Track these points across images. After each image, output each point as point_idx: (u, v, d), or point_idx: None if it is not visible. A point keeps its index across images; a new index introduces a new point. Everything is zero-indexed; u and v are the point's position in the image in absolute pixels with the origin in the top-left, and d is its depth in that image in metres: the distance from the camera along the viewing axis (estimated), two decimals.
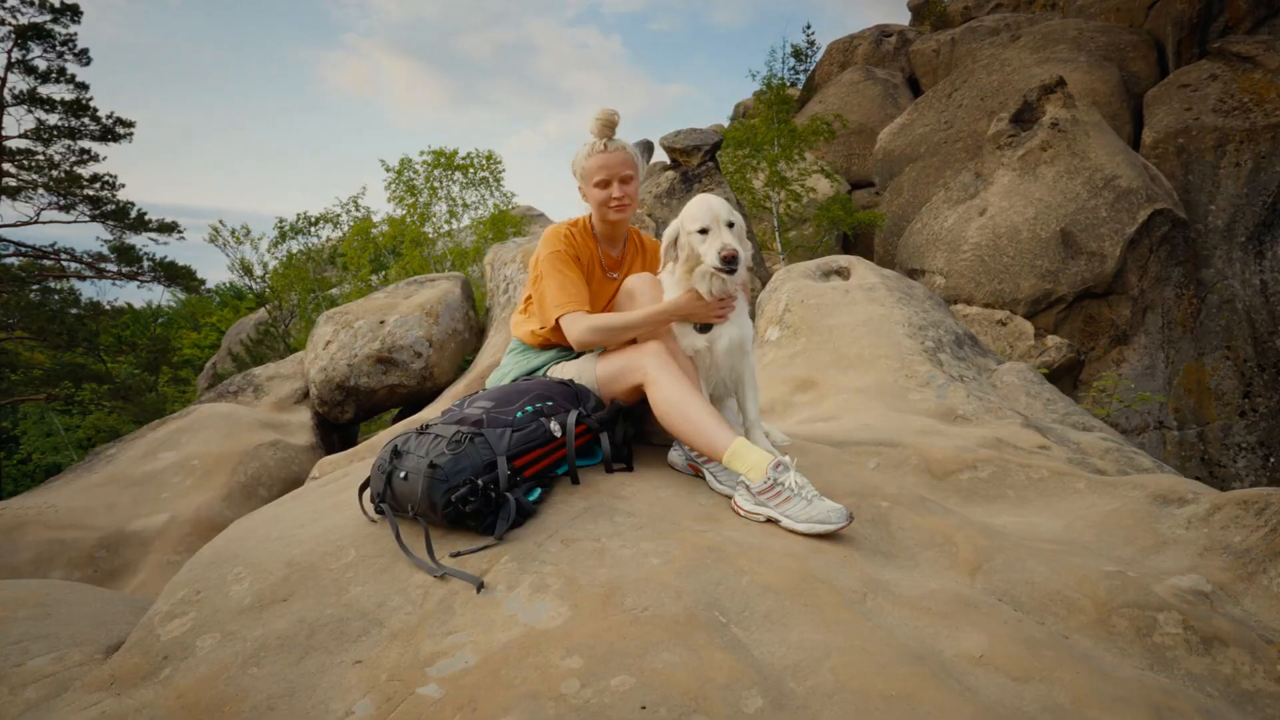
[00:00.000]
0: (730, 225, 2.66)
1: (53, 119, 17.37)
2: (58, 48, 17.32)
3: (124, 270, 17.60)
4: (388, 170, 18.14)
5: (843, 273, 5.91)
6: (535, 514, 2.31)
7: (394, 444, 2.31)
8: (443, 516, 2.18)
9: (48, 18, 17.34)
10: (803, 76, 31.49)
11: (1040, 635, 1.89)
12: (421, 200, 18.08)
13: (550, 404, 2.51)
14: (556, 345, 2.95)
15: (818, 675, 1.72)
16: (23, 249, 17.39)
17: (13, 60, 16.98)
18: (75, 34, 17.58)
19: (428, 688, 1.74)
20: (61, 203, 17.32)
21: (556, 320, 2.76)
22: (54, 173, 17.27)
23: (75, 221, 17.68)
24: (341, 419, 6.64)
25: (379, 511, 2.30)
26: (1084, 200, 12.98)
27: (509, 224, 17.19)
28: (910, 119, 19.70)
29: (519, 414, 2.39)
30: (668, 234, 2.71)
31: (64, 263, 17.79)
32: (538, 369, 2.90)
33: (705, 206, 2.65)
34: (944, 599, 2.02)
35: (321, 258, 20.50)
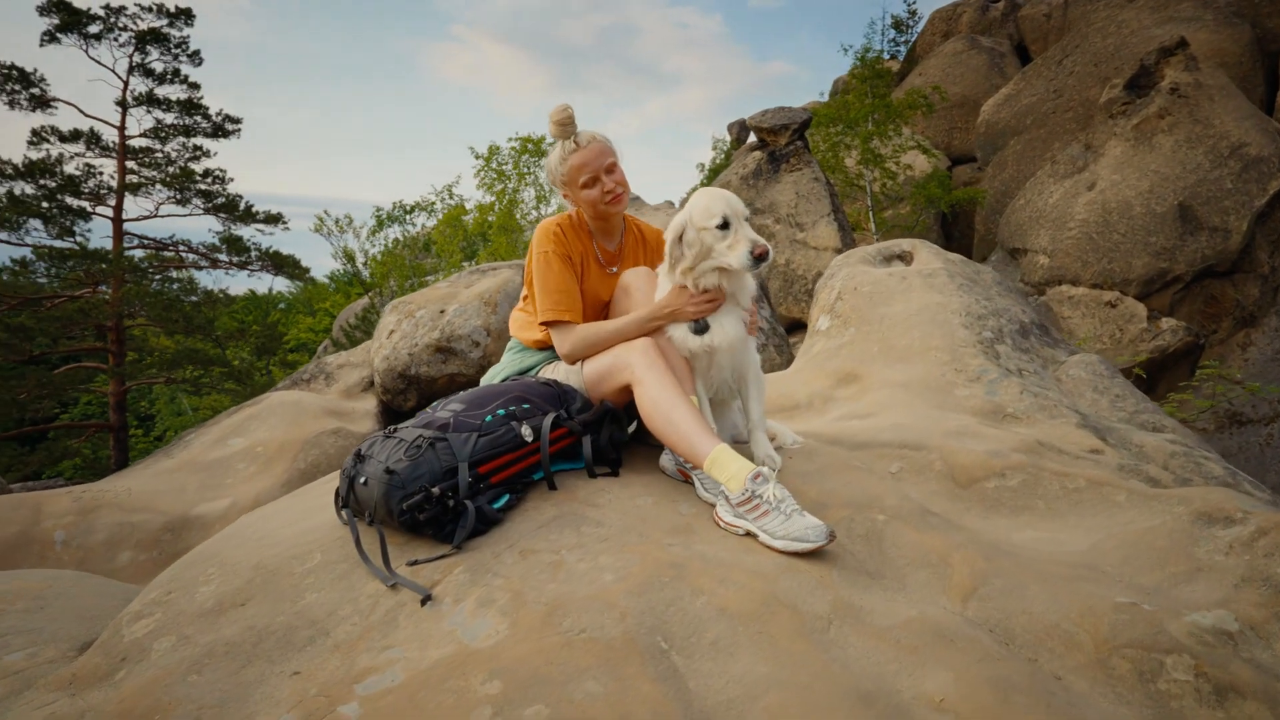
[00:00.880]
0: (746, 220, 2.52)
1: (169, 118, 18.46)
2: (173, 50, 18.37)
3: (234, 260, 18.60)
4: (477, 158, 18.48)
5: (905, 257, 5.59)
6: (500, 522, 2.24)
7: (359, 448, 2.28)
8: (399, 524, 2.14)
9: (164, 22, 18.40)
10: (903, 49, 30.24)
11: (1018, 677, 1.69)
12: (510, 187, 18.34)
13: (527, 406, 2.42)
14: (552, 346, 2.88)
15: (749, 715, 1.58)
16: (145, 241, 18.60)
17: (134, 64, 18.13)
18: (188, 36, 18.59)
19: (349, 706, 1.69)
20: (178, 197, 18.41)
21: (545, 326, 2.69)
22: (170, 169, 18.37)
23: (190, 215, 18.77)
24: (404, 407, 6.77)
25: (342, 517, 2.28)
26: (1206, 171, 11.95)
27: None
28: (1016, 89, 18.64)
29: (488, 418, 2.31)
30: (671, 230, 2.56)
31: (182, 254, 18.93)
32: (530, 369, 2.82)
33: (722, 200, 2.50)
34: (918, 629, 1.84)
35: (417, 245, 21.12)
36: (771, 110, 17.03)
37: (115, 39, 17.96)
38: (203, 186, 18.60)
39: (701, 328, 2.54)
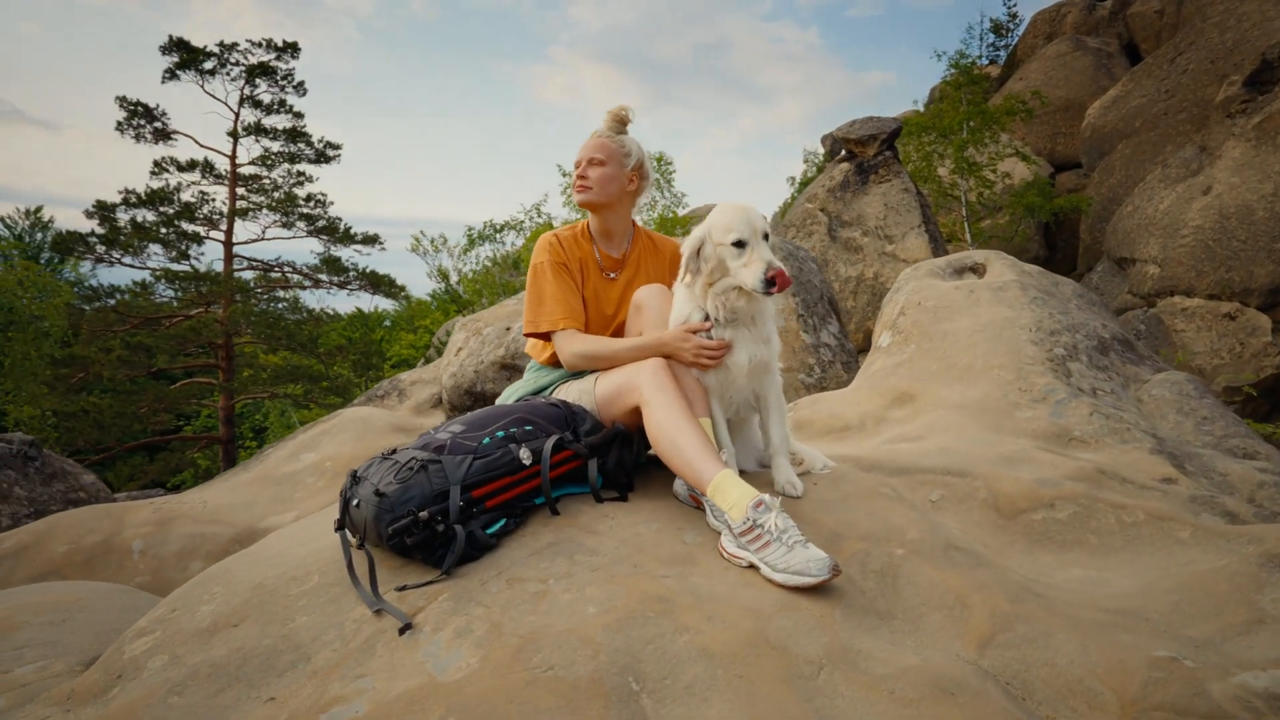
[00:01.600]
0: (766, 238, 2.40)
1: (275, 146, 19.49)
2: (279, 82, 19.40)
3: (334, 280, 19.44)
4: (564, 175, 18.74)
5: (977, 269, 5.29)
6: (494, 548, 2.17)
7: (356, 469, 2.26)
8: (389, 547, 2.10)
9: (272, 56, 19.45)
10: (1003, 53, 29.12)
11: None
12: None
13: (530, 428, 2.36)
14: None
15: None
16: (254, 263, 19.65)
17: (244, 96, 19.25)
18: (294, 69, 19.63)
19: None
20: (283, 221, 19.39)
21: (548, 334, 2.68)
22: (276, 194, 19.37)
23: (294, 237, 19.74)
24: None
25: (341, 537, 2.26)
26: None
27: (677, 224, 17.16)
28: (1125, 90, 17.66)
29: (486, 440, 2.26)
30: (689, 242, 2.47)
31: (287, 274, 19.91)
32: (545, 388, 2.76)
33: (741, 215, 2.39)
34: (919, 680, 1.67)
35: (507, 263, 21.57)
36: (859, 120, 16.66)
37: (228, 74, 19.11)
38: (305, 210, 19.53)
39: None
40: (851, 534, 2.25)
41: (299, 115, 19.75)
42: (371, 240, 20.17)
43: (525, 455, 2.27)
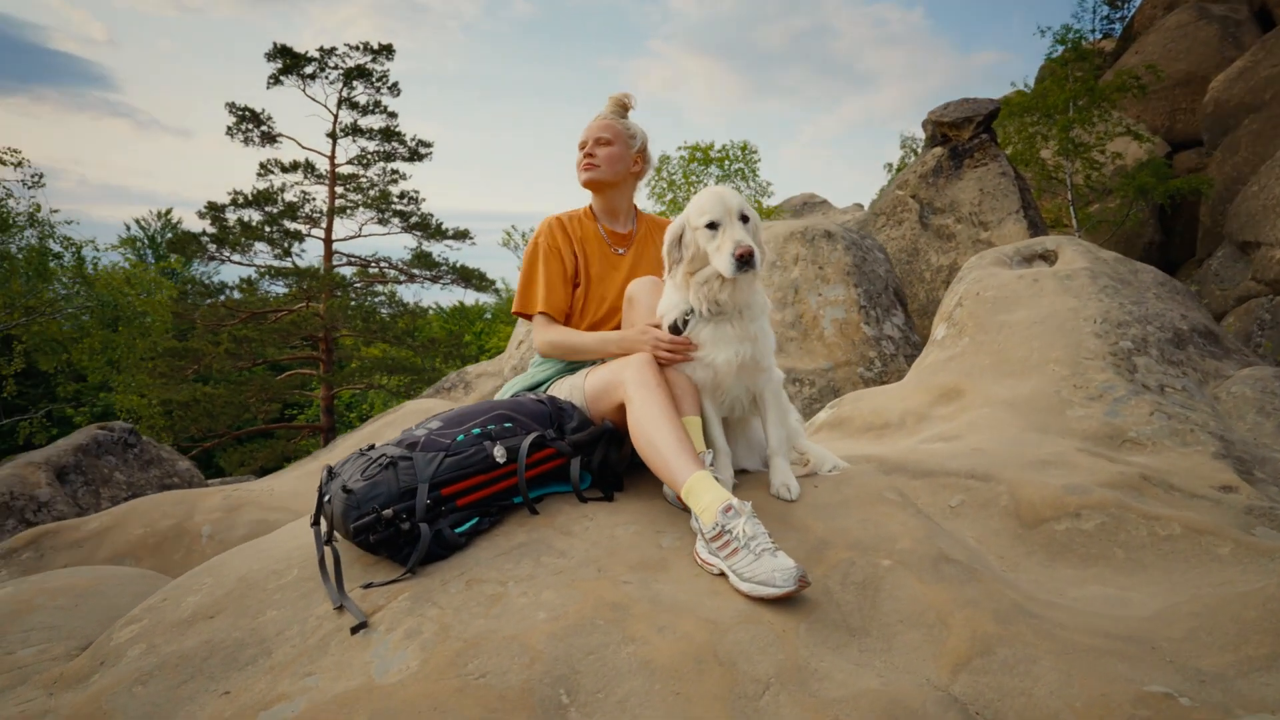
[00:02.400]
0: (745, 220, 2.28)
1: (371, 146, 20.22)
2: (374, 83, 20.07)
3: (427, 274, 20.02)
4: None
5: (1048, 257, 4.94)
6: (462, 547, 2.13)
7: (331, 465, 2.26)
8: (356, 544, 2.09)
9: (368, 59, 20.14)
10: (1118, 26, 27.32)
11: None
12: (681, 195, 18.38)
13: (509, 425, 2.31)
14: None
15: None
16: (352, 259, 20.46)
17: (342, 99, 20.01)
18: (388, 70, 20.27)
19: None
20: (378, 218, 20.10)
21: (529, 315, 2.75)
22: (372, 192, 20.09)
23: (389, 233, 20.44)
24: None
25: (315, 532, 2.26)
26: None
27: (763, 216, 16.86)
28: (1253, 60, 16.34)
29: (460, 437, 2.22)
30: (670, 232, 2.38)
31: (384, 269, 20.64)
32: (542, 383, 2.71)
33: (715, 197, 2.29)
34: (871, 705, 1.53)
35: None
36: (954, 103, 15.96)
37: (327, 77, 19.88)
38: (399, 207, 20.19)
39: (676, 333, 2.32)
40: (840, 542, 2.10)
41: (393, 115, 20.41)
42: (462, 235, 20.67)
43: (499, 453, 2.22)
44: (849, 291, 6.18)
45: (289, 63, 19.87)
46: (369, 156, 20.23)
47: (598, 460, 2.39)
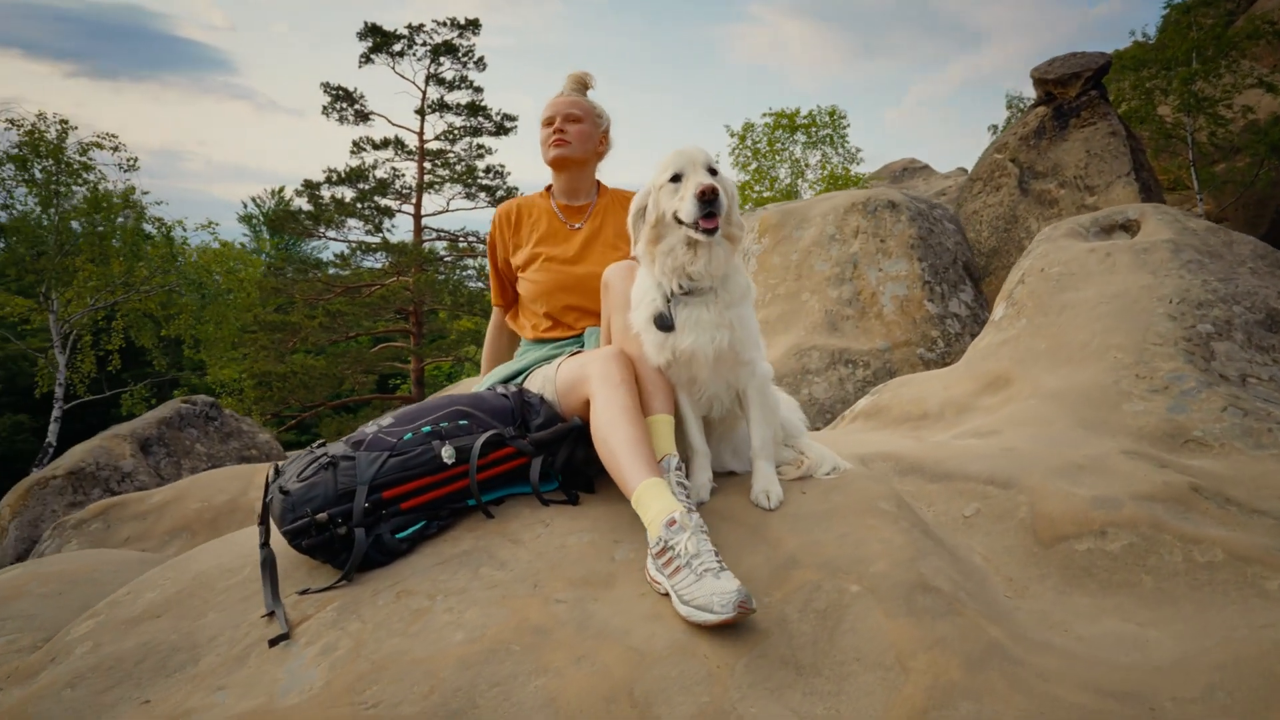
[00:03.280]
0: (713, 173, 2.06)
1: (458, 121, 20.43)
2: (461, 59, 20.23)
3: None
4: (731, 135, 18.23)
5: (1129, 227, 4.45)
6: (403, 553, 2.01)
7: (278, 463, 2.17)
8: (292, 547, 1.99)
9: (455, 34, 20.29)
10: None
11: None
12: (765, 165, 17.87)
13: (464, 423, 2.16)
14: (547, 339, 2.62)
15: None
16: (441, 234, 20.83)
17: (430, 75, 20.27)
18: (474, 45, 20.37)
19: None
20: (465, 192, 20.36)
21: None
22: (459, 167, 20.34)
23: (476, 208, 20.69)
24: None
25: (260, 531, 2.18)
26: None
27: (849, 183, 16.19)
28: None
29: (408, 435, 2.09)
30: (634, 202, 2.17)
31: (472, 244, 20.93)
32: (520, 373, 2.55)
33: (678, 153, 2.09)
34: None
35: None
36: (1060, 58, 14.86)
37: (415, 54, 20.15)
38: (485, 181, 20.37)
39: (665, 324, 2.10)
40: (810, 560, 1.88)
41: (478, 90, 20.56)
42: None
43: (448, 453, 2.07)
44: (912, 266, 5.77)
45: (379, 41, 20.21)
46: (456, 132, 20.47)
47: (561, 460, 2.22)
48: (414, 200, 20.40)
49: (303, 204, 20.05)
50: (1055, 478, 2.30)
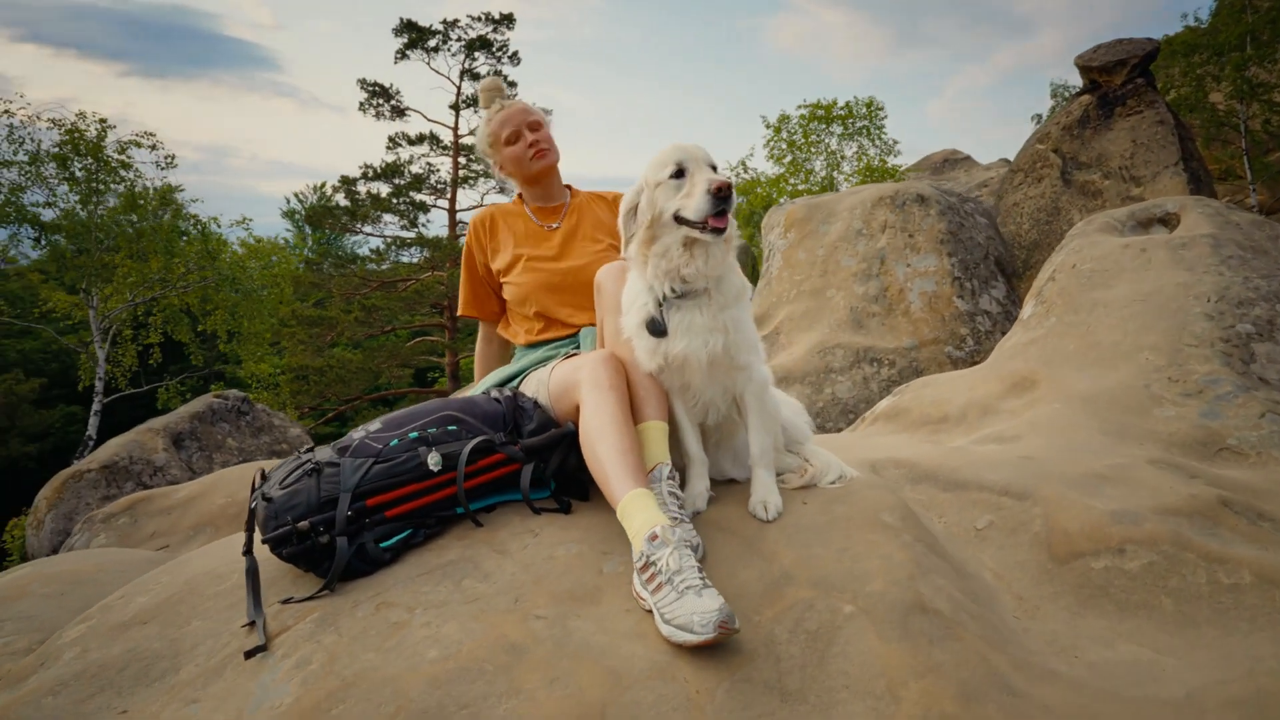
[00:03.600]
0: (714, 170, 1.98)
1: None
2: (495, 54, 20.27)
3: None
4: (767, 127, 18.00)
5: (1168, 221, 4.25)
6: (387, 563, 1.96)
7: (265, 468, 2.13)
8: (275, 556, 1.96)
9: (489, 29, 20.34)
10: None
11: None
12: (800, 157, 17.61)
13: (453, 429, 2.11)
14: (541, 341, 2.57)
15: None
16: None
17: (464, 70, 20.35)
18: (509, 40, 20.40)
19: None
20: (499, 187, 20.42)
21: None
22: None
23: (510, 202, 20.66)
24: None
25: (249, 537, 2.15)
26: None
27: (886, 175, 15.90)
28: None
29: (394, 441, 2.04)
30: (625, 202, 2.07)
31: None
32: (517, 376, 2.49)
33: (675, 148, 2.01)
34: None
35: None
36: (1105, 45, 14.41)
37: (449, 49, 20.24)
38: None
39: (658, 329, 2.02)
40: (805, 577, 1.79)
41: (512, 84, 20.56)
42: None
43: (434, 460, 2.02)
44: (941, 261, 5.60)
45: (414, 37, 20.34)
46: None
47: (553, 467, 2.16)
48: (449, 195, 20.51)
49: (340, 199, 20.27)
50: (1074, 489, 2.18)
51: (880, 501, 2.10)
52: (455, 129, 20.63)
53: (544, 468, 2.16)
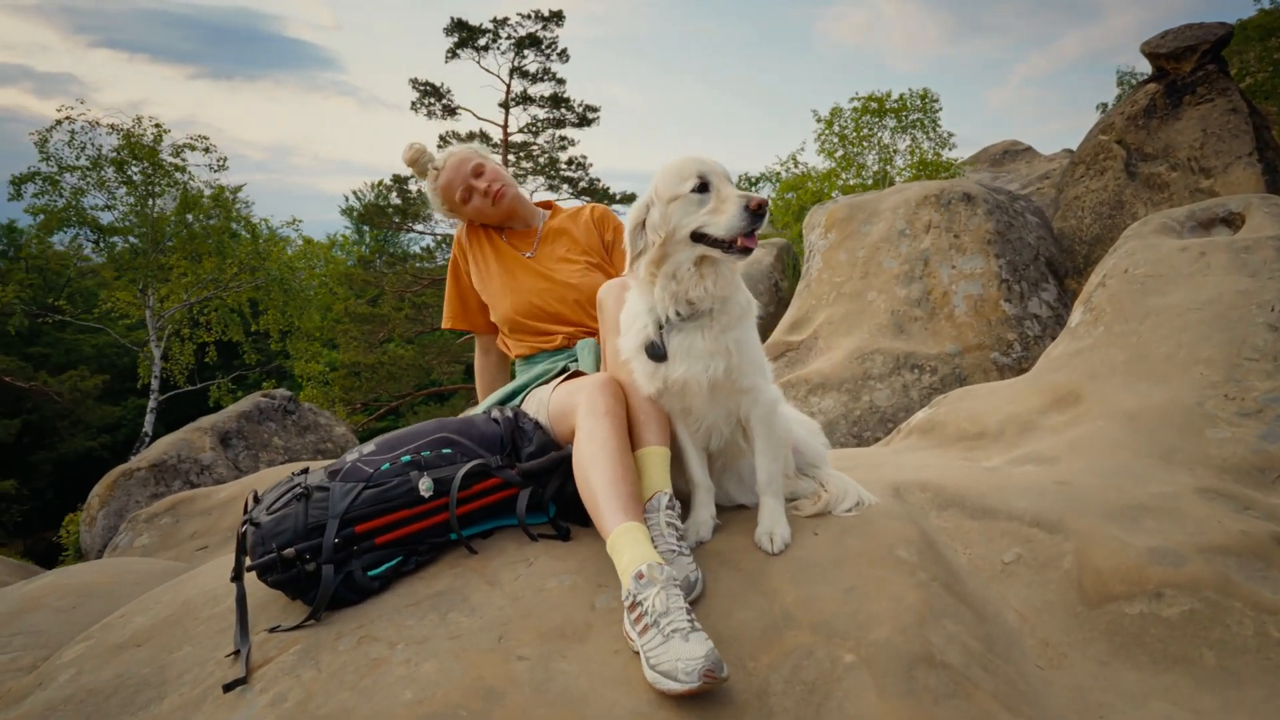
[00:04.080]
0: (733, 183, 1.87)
1: (541, 113, 20.54)
2: (544, 51, 20.31)
3: None
4: (818, 121, 17.64)
5: (1231, 221, 3.98)
6: (374, 591, 1.90)
7: (257, 490, 2.09)
8: (262, 582, 1.91)
9: (539, 26, 20.37)
10: None
11: None
12: (852, 151, 17.22)
13: (448, 452, 2.04)
14: (537, 354, 2.55)
15: None
16: None
17: (514, 68, 20.43)
18: (558, 37, 20.40)
19: None
20: (549, 184, 20.49)
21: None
22: (542, 159, 20.46)
23: (560, 199, 20.76)
24: None
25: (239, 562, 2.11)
26: None
27: (940, 169, 15.43)
28: None
29: (386, 465, 1.97)
30: (633, 215, 1.93)
31: None
32: (519, 391, 2.42)
33: (694, 160, 1.86)
34: None
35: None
36: (1173, 30, 13.77)
37: (499, 47, 20.34)
38: (567, 173, 20.46)
39: (658, 354, 1.91)
40: (807, 619, 1.67)
41: (561, 81, 20.60)
42: (631, 199, 20.68)
43: (425, 485, 1.95)
44: (988, 263, 5.35)
45: (464, 36, 20.48)
46: (539, 124, 20.61)
47: (551, 492, 2.07)
48: None
49: (393, 198, 20.54)
50: (1110, 521, 2.01)
51: (896, 533, 1.97)
52: (505, 127, 20.74)
53: (542, 492, 2.08)
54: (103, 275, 17.49)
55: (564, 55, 20.74)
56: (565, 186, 20.57)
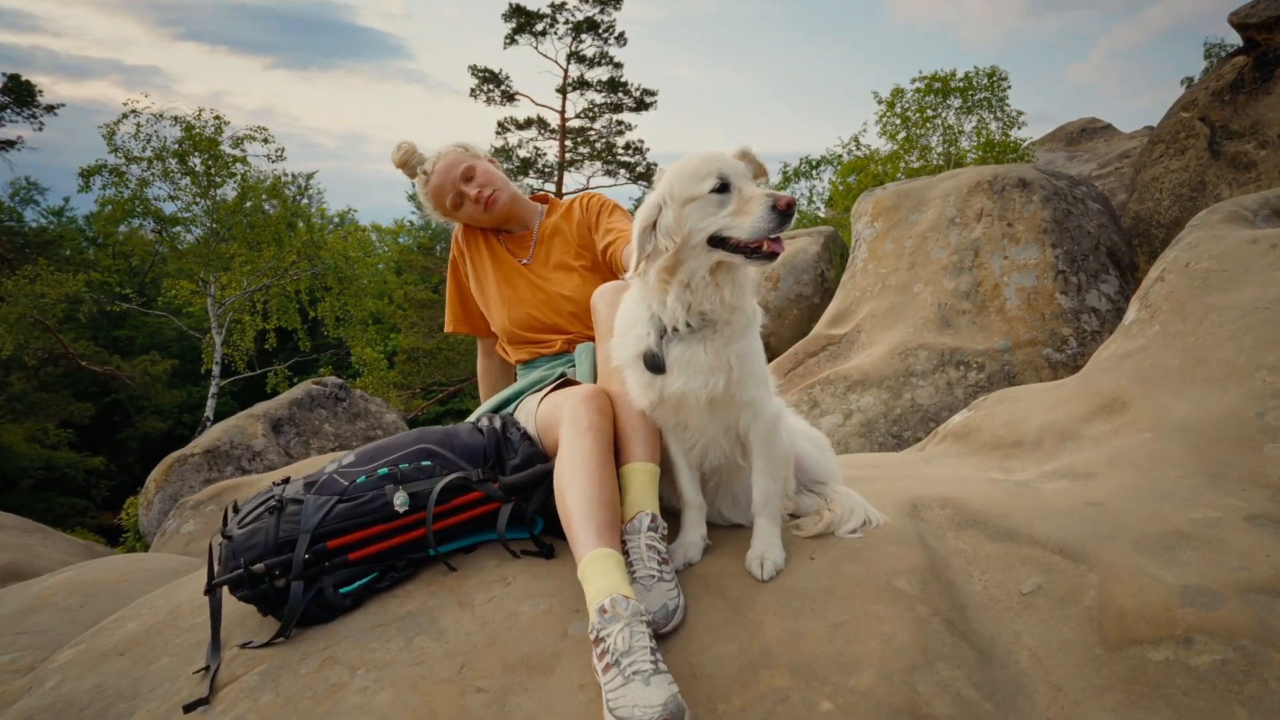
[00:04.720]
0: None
1: (598, 98, 20.45)
2: (601, 35, 20.18)
3: None
4: (879, 102, 17.11)
5: None
6: (345, 609, 1.84)
7: (237, 500, 2.05)
8: (233, 596, 1.87)
9: (596, 10, 20.25)
10: None
11: None
12: (915, 133, 16.66)
13: (427, 464, 1.96)
14: (536, 359, 2.49)
15: None
16: None
17: (571, 53, 20.36)
18: (615, 20, 20.25)
19: None
20: (606, 169, 20.41)
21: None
22: (599, 144, 20.39)
23: (616, 184, 20.70)
24: None
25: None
26: None
27: (1008, 151, 14.81)
28: None
29: (361, 478, 1.91)
30: (641, 217, 1.76)
31: None
32: (512, 399, 2.33)
33: (713, 158, 1.70)
34: None
35: (822, 200, 20.50)
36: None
37: (556, 32, 20.29)
38: (624, 158, 20.34)
39: (657, 366, 1.79)
40: (786, 659, 1.55)
41: (618, 66, 20.47)
42: None
43: (400, 500, 1.88)
44: (1044, 253, 5.04)
45: (522, 21, 20.49)
46: (596, 109, 20.55)
47: (535, 506, 1.98)
48: (555, 178, 20.66)
49: None
50: (1142, 552, 1.83)
51: (899, 561, 1.82)
52: (562, 113, 20.72)
53: (525, 506, 1.98)
54: (185, 261, 18.10)
55: (621, 39, 20.58)
56: (622, 171, 20.47)
